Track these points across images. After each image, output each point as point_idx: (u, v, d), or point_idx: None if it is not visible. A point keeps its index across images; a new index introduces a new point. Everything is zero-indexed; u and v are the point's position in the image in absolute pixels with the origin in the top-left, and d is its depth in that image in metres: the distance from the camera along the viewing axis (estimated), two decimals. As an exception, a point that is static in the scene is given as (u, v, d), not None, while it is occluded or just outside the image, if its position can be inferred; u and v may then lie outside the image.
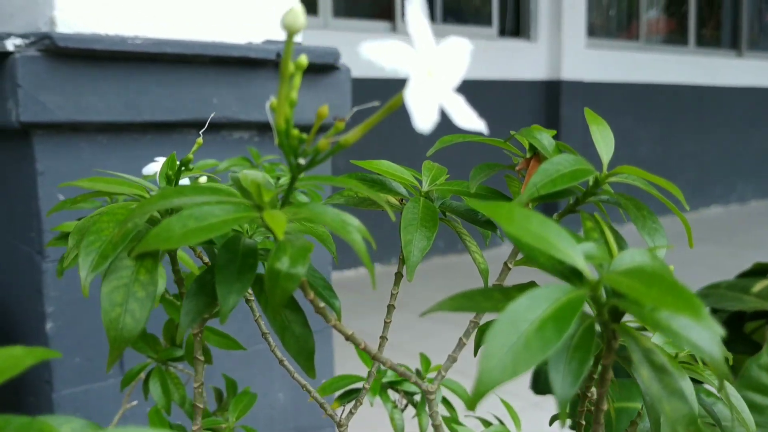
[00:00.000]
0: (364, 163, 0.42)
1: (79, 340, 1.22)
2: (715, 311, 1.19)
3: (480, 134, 0.31)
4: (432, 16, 4.67)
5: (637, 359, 0.25)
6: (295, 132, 0.28)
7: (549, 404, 1.81)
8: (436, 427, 0.39)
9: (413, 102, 0.25)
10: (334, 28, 4.25)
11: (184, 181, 0.63)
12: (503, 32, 4.99)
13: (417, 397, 0.80)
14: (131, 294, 0.33)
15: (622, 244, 0.33)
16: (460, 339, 0.40)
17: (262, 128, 1.39)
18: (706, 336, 0.24)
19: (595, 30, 5.48)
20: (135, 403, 0.95)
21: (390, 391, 0.80)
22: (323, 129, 1.37)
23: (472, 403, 0.22)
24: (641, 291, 0.23)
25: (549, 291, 0.24)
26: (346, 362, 1.43)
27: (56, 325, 1.20)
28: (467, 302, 0.28)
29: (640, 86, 5.59)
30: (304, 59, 0.29)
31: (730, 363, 0.52)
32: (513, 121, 4.93)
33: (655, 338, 0.43)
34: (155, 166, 0.57)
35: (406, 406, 0.80)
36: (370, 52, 0.25)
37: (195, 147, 0.44)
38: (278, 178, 0.82)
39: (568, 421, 0.54)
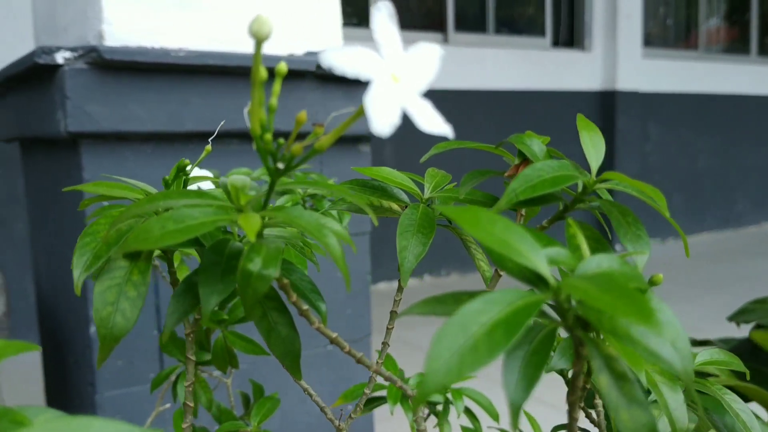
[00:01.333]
0: (364, 169, 0.43)
1: (121, 344, 1.26)
2: (760, 327, 1.15)
3: (445, 138, 0.31)
4: (484, 27, 4.66)
5: (597, 366, 0.24)
6: (268, 137, 0.29)
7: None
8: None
9: (371, 106, 0.26)
10: (386, 40, 4.27)
11: (206, 185, 0.64)
12: (557, 43, 4.93)
13: (439, 407, 0.79)
14: (123, 294, 0.34)
15: (604, 250, 0.32)
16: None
17: (299, 137, 1.41)
18: (666, 345, 0.23)
19: (652, 39, 5.37)
20: (168, 405, 0.97)
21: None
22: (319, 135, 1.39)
23: (416, 404, 0.22)
24: (595, 296, 0.23)
25: (505, 295, 0.24)
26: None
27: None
28: (438, 306, 0.28)
29: (699, 96, 5.45)
30: (283, 66, 0.29)
31: (747, 378, 0.50)
32: (566, 133, 4.86)
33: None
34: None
35: (428, 415, 0.80)
36: (332, 58, 0.26)
37: (203, 155, 0.45)
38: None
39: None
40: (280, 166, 0.29)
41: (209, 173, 0.69)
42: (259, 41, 0.28)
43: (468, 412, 0.79)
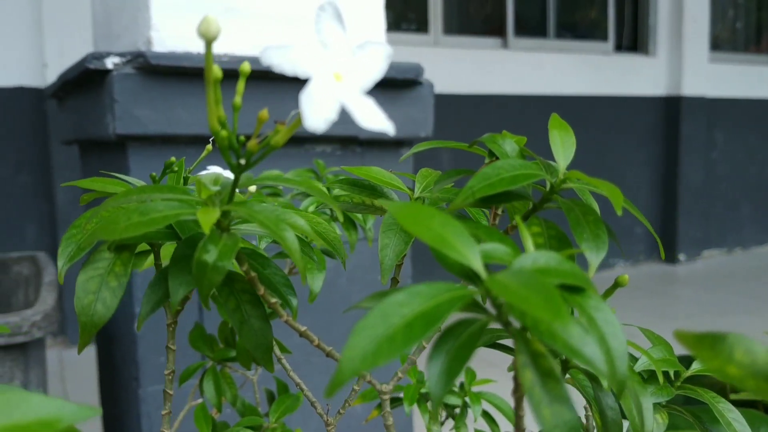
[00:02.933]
0: (354, 169, 0.44)
1: (165, 341, 1.30)
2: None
3: (380, 133, 0.31)
4: (545, 32, 4.60)
5: (522, 362, 0.24)
6: (224, 133, 0.30)
7: None
8: (387, 428, 0.39)
9: (304, 102, 0.26)
10: (444, 45, 4.28)
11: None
12: (619, 47, 4.83)
13: (457, 410, 0.79)
14: (104, 283, 0.35)
15: (565, 249, 0.32)
16: (420, 343, 0.40)
17: (345, 142, 1.42)
18: (590, 344, 0.23)
19: (720, 44, 5.20)
20: (200, 400, 0.99)
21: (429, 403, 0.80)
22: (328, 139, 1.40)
23: (330, 391, 0.23)
24: (512, 292, 0.23)
25: (431, 289, 0.24)
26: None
27: (144, 325, 1.28)
28: (377, 299, 0.29)
29: (770, 102, 5.25)
30: (246, 66, 0.30)
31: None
32: (629, 138, 4.76)
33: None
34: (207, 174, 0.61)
35: (446, 418, 0.80)
36: (270, 56, 0.26)
37: (204, 153, 0.47)
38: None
39: None
40: (242, 161, 0.30)
41: (230, 173, 0.71)
42: (208, 41, 0.29)
43: (486, 415, 0.79)
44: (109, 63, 1.19)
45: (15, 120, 3.12)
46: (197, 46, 1.27)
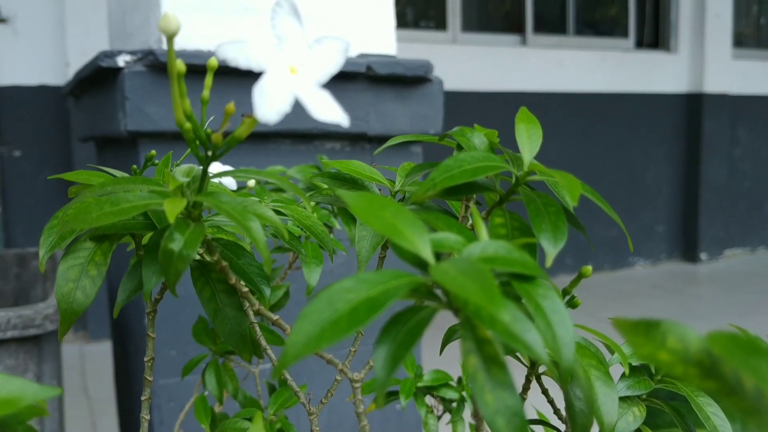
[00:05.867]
0: (336, 162, 0.44)
1: (176, 335, 1.31)
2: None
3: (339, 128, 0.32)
4: (564, 29, 4.57)
5: (467, 348, 0.25)
6: (188, 126, 0.31)
7: None
8: (358, 415, 0.40)
9: (257, 95, 0.27)
10: (462, 43, 4.27)
11: (228, 182, 0.67)
12: (640, 44, 4.79)
13: (454, 404, 0.79)
14: (84, 272, 0.36)
15: (527, 238, 0.32)
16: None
17: (354, 139, 1.43)
18: (532, 331, 0.23)
19: (744, 40, 5.13)
20: (206, 393, 1.01)
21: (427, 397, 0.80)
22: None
23: (276, 373, 0.23)
24: (452, 279, 0.23)
25: (379, 276, 0.25)
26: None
27: (156, 319, 1.30)
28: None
29: (795, 99, 5.16)
30: (214, 61, 0.31)
31: None
32: (651, 136, 4.71)
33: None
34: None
35: (443, 412, 0.80)
36: (225, 51, 0.27)
37: (186, 154, 0.48)
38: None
39: None
40: (209, 153, 0.31)
41: (226, 167, 0.72)
42: (169, 37, 0.30)
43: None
44: (121, 61, 1.21)
45: (38, 118, 3.17)
46: (208, 45, 1.28)
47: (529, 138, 0.35)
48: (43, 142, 3.19)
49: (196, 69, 1.24)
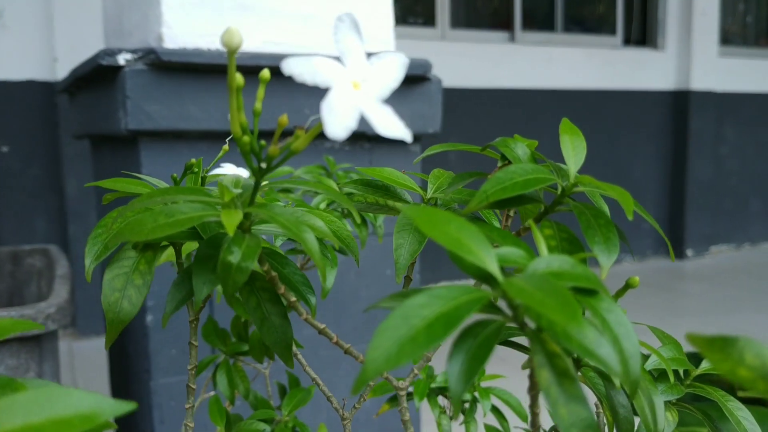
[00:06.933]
0: (368, 170, 0.44)
1: (176, 334, 1.31)
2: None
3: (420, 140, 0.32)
4: (552, 26, 4.59)
5: (539, 362, 0.25)
6: (246, 139, 0.31)
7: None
8: (404, 422, 0.40)
9: (325, 112, 0.27)
10: (451, 39, 4.27)
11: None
12: (628, 41, 4.82)
13: (466, 405, 0.80)
14: (130, 281, 0.36)
15: (576, 251, 0.32)
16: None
17: (354, 138, 1.43)
18: (605, 345, 0.24)
19: (730, 37, 5.18)
20: (213, 393, 1.01)
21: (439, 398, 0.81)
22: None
23: (356, 389, 0.23)
24: (528, 294, 0.24)
25: (450, 291, 0.25)
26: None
27: (156, 318, 1.29)
28: (400, 300, 0.29)
29: (780, 97, 5.22)
30: (266, 73, 0.31)
31: None
32: (638, 133, 4.75)
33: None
34: (222, 171, 0.62)
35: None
36: (292, 67, 0.27)
37: (220, 154, 0.48)
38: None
39: None
40: (263, 165, 0.31)
41: (245, 172, 0.72)
42: (230, 51, 0.30)
43: (496, 411, 0.80)
44: (121, 59, 1.20)
45: (25, 114, 3.14)
46: (207, 43, 1.28)
47: (573, 150, 0.36)
48: (31, 138, 3.16)
49: (196, 68, 1.24)
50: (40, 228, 3.19)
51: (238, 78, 0.30)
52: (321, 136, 1.40)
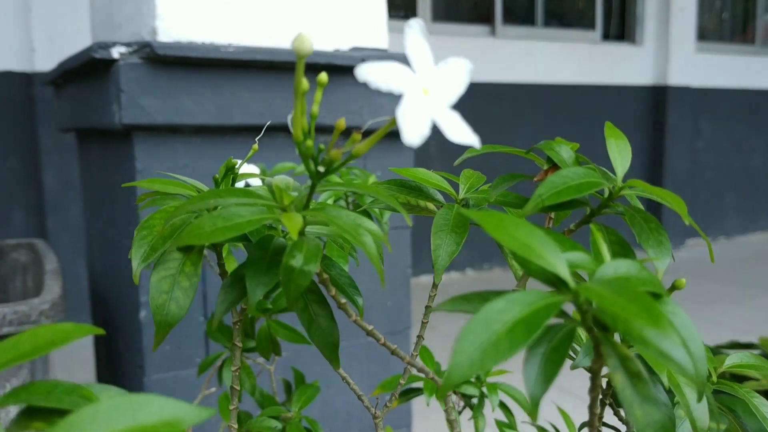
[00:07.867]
0: (401, 170, 0.45)
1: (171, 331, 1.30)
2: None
3: (466, 144, 0.32)
4: (533, 20, 4.62)
5: (613, 365, 0.26)
6: (310, 143, 0.31)
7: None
8: (450, 422, 0.41)
9: (402, 119, 0.27)
10: (433, 33, 4.27)
11: (254, 181, 0.67)
12: (607, 36, 4.86)
13: (474, 400, 0.81)
14: (176, 283, 0.36)
15: (627, 255, 0.33)
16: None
17: (348, 133, 1.43)
18: (678, 348, 0.25)
19: (706, 34, 5.25)
20: (213, 389, 1.01)
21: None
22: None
23: (441, 394, 0.24)
24: (610, 300, 0.24)
25: (526, 296, 0.26)
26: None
27: (149, 313, 1.29)
28: (465, 304, 0.30)
29: (755, 93, 5.31)
30: (324, 77, 0.31)
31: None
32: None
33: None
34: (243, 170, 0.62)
35: (463, 408, 0.82)
36: (367, 73, 0.27)
37: (251, 153, 0.48)
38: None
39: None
40: (321, 169, 0.32)
41: (257, 169, 0.72)
42: (300, 57, 0.30)
43: (503, 406, 0.81)
44: (116, 53, 1.19)
45: (2, 105, 3.08)
46: (202, 36, 1.27)
47: (620, 153, 0.37)
48: (8, 130, 3.10)
49: (192, 62, 1.23)
50: (18, 221, 3.14)
51: (304, 83, 0.30)
52: (316, 131, 1.39)
